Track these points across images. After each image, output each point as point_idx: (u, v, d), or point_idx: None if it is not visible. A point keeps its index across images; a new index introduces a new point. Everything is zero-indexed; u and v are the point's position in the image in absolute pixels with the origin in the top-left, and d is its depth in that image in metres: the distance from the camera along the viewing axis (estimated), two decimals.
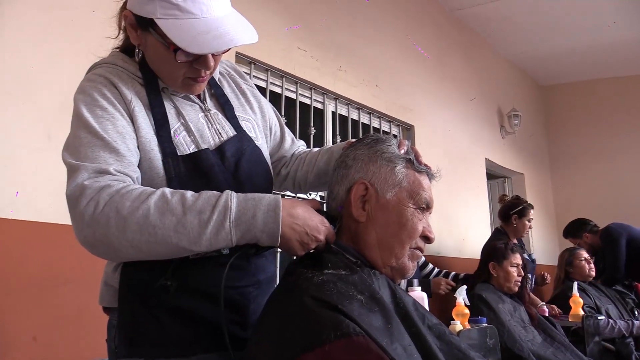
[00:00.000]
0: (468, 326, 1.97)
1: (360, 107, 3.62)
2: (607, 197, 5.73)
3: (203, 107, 1.04)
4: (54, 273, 1.92)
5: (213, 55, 0.94)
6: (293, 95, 3.12)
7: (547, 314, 2.66)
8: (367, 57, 3.68)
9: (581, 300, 2.82)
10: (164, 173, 0.92)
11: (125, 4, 0.98)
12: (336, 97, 3.42)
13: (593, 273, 3.39)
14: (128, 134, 0.91)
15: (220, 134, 1.02)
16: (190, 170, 0.94)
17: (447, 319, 1.99)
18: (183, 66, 0.93)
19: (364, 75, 3.61)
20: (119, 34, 1.07)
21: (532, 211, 3.81)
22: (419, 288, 1.85)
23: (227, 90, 1.13)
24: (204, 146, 0.98)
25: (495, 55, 5.65)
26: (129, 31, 0.98)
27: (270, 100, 2.96)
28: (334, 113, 3.44)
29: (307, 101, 3.23)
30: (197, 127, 1.00)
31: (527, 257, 3.97)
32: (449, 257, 4.12)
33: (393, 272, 0.93)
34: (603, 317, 2.93)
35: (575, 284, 3.00)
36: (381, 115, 3.81)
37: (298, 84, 3.13)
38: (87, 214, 0.81)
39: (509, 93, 5.72)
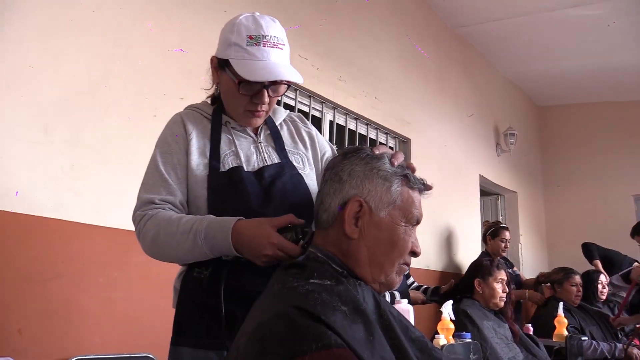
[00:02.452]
0: (452, 341, 1.99)
1: (358, 117, 3.64)
2: (598, 218, 5.79)
3: (255, 139, 1.28)
4: (44, 267, 1.93)
5: (269, 96, 1.20)
6: (292, 103, 3.14)
7: (531, 332, 2.68)
8: (367, 69, 3.71)
9: (566, 321, 2.84)
10: (207, 185, 1.18)
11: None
12: (335, 107, 3.45)
13: (578, 300, 3.41)
14: (180, 165, 1.20)
15: (265, 160, 1.25)
16: (225, 183, 1.17)
17: (431, 332, 2.01)
18: (244, 99, 1.20)
19: (364, 86, 3.64)
20: (212, 86, 1.35)
21: (507, 232, 4.06)
22: (405, 301, 1.86)
23: (285, 132, 1.35)
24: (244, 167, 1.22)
25: (494, 73, 5.70)
26: (212, 72, 1.28)
27: None
28: (331, 122, 3.46)
29: (306, 109, 3.25)
30: (246, 154, 1.24)
31: (511, 272, 4.06)
32: (438, 271, 4.14)
33: (381, 287, 0.94)
34: (586, 338, 2.95)
35: (561, 304, 3.02)
36: (378, 127, 3.84)
37: (297, 92, 3.15)
38: (140, 234, 1.16)
39: (506, 111, 5.77)
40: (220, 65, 1.22)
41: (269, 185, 1.19)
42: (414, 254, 0.96)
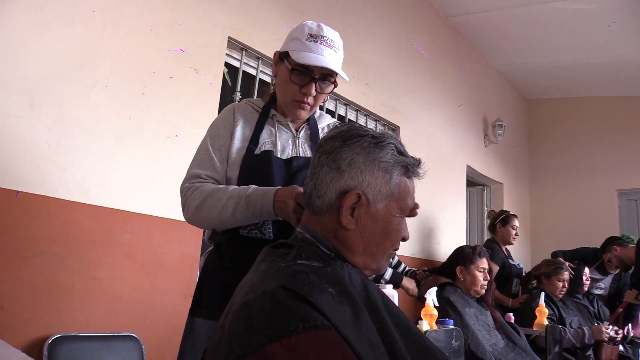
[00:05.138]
0: (435, 327, 2.02)
1: (348, 103, 3.63)
2: (581, 212, 5.87)
3: (294, 134, 1.42)
4: (28, 243, 1.91)
5: (317, 90, 1.35)
6: None
7: (512, 321, 2.72)
8: (359, 55, 3.69)
9: (547, 311, 2.89)
10: (240, 165, 1.33)
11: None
12: None
13: (561, 295, 3.45)
14: (224, 147, 1.37)
15: (299, 153, 1.40)
16: (255, 164, 1.33)
17: (414, 318, 2.03)
18: (294, 88, 1.34)
19: (355, 73, 3.62)
20: (272, 86, 1.53)
21: (516, 220, 4.07)
22: (390, 286, 1.88)
23: (323, 134, 1.46)
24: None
25: (485, 64, 5.71)
26: (273, 66, 1.43)
27: (258, 89, 2.97)
28: (321, 107, 3.45)
29: None
30: (283, 145, 1.39)
31: (516, 264, 4.09)
32: (422, 259, 4.18)
33: (370, 272, 0.95)
34: (559, 327, 3.01)
35: (542, 294, 3.07)
36: (368, 114, 3.83)
37: None
38: (186, 202, 1.31)
39: (495, 103, 5.79)
40: (280, 57, 1.38)
41: (295, 173, 1.33)
42: (403, 239, 0.97)
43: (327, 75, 1.35)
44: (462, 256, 2.56)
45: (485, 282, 2.49)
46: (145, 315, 2.22)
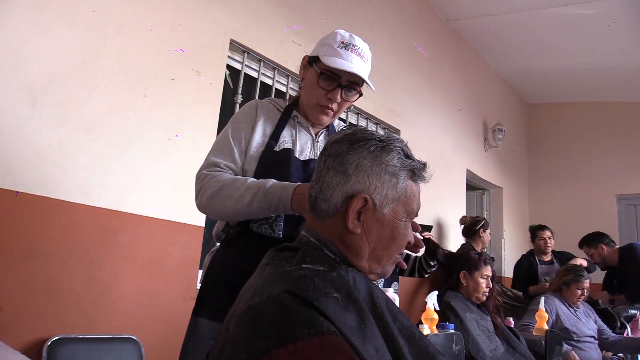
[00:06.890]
0: (436, 331, 2.01)
1: (349, 106, 3.63)
2: (580, 216, 5.87)
3: (314, 138, 1.46)
4: (28, 244, 1.90)
5: (342, 97, 1.37)
6: (284, 88, 3.12)
7: (512, 325, 2.71)
8: None
9: (546, 315, 2.88)
10: (259, 160, 1.36)
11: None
12: None
13: (579, 302, 3.39)
14: (245, 139, 1.39)
15: (316, 156, 1.41)
16: (274, 160, 1.35)
17: (415, 322, 2.03)
18: (320, 92, 1.37)
19: None
20: (299, 89, 1.53)
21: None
22: (391, 290, 1.87)
23: None
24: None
25: (485, 68, 5.72)
26: (301, 70, 1.45)
27: (260, 91, 2.96)
28: None
29: None
30: (302, 146, 1.42)
31: None
32: None
33: (375, 277, 0.94)
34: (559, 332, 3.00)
35: (542, 299, 3.06)
36: (369, 117, 3.83)
37: (290, 78, 3.13)
38: (200, 190, 1.32)
39: (496, 107, 5.80)
40: (309, 62, 1.41)
41: (312, 174, 1.29)
42: (408, 243, 0.97)
43: (353, 84, 1.37)
44: (468, 262, 2.55)
45: (487, 289, 2.48)
46: (145, 317, 2.22)
